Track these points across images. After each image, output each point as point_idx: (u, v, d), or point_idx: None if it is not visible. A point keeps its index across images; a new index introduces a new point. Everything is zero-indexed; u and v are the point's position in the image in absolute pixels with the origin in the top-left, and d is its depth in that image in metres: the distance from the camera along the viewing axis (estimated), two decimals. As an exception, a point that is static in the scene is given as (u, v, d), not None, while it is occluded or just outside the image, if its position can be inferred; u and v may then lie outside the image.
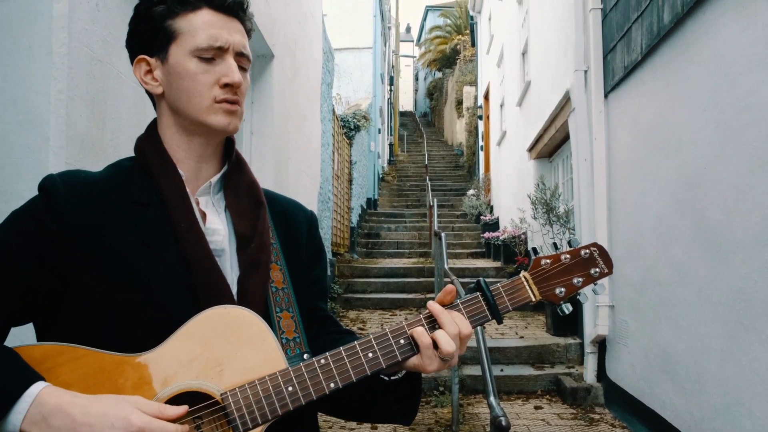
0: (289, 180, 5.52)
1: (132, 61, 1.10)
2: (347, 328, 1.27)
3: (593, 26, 5.00)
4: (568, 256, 1.13)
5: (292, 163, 5.72)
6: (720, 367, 3.13)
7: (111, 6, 2.16)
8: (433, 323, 1.05)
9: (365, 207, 14.58)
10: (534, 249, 1.17)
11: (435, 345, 1.02)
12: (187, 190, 1.07)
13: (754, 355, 2.81)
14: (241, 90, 1.08)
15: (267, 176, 4.75)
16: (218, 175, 1.12)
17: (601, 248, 1.15)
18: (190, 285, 1.01)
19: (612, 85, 4.76)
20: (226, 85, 1.05)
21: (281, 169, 5.14)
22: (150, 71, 1.08)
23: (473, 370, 5.33)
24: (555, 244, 1.17)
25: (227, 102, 1.06)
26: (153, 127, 1.13)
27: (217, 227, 1.09)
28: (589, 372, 5.22)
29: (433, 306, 1.05)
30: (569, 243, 1.16)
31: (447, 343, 1.01)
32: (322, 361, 0.99)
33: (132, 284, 0.98)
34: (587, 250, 1.14)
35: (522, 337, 6.20)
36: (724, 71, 3.05)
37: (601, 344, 5.11)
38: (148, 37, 1.07)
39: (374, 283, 9.16)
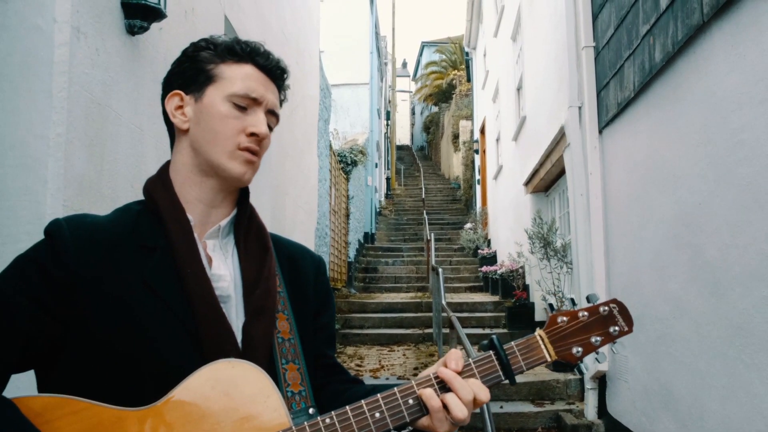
0: (286, 216, 5.53)
1: (164, 97, 1.13)
2: (355, 376, 1.24)
3: (586, 63, 5.07)
4: (586, 313, 1.08)
5: (289, 199, 5.73)
6: (721, 405, 3.09)
7: (111, 50, 2.19)
8: (442, 383, 0.99)
9: (362, 241, 14.57)
10: (551, 305, 1.11)
11: (446, 407, 0.97)
12: (195, 234, 1.07)
13: (755, 392, 2.79)
14: (264, 144, 1.11)
15: (264, 213, 4.73)
16: (228, 219, 1.12)
17: (620, 304, 1.10)
18: (193, 332, 0.99)
19: (606, 121, 4.81)
20: (252, 135, 1.07)
21: (278, 205, 5.15)
22: (181, 107, 1.11)
23: (472, 408, 5.25)
24: (572, 300, 1.11)
25: (249, 151, 1.08)
26: (165, 169, 1.13)
27: (222, 273, 1.08)
28: (590, 408, 5.15)
29: (445, 372, 0.99)
30: (588, 299, 1.11)
31: (459, 409, 0.96)
32: (327, 420, 0.95)
33: (133, 331, 0.96)
34: (606, 307, 1.09)
35: (521, 373, 6.13)
36: (716, 108, 3.09)
37: (602, 380, 5.06)
38: (189, 75, 1.10)
39: (372, 318, 9.10)
